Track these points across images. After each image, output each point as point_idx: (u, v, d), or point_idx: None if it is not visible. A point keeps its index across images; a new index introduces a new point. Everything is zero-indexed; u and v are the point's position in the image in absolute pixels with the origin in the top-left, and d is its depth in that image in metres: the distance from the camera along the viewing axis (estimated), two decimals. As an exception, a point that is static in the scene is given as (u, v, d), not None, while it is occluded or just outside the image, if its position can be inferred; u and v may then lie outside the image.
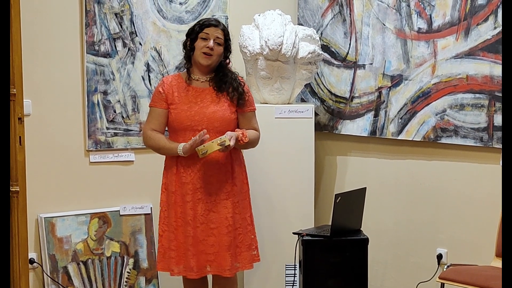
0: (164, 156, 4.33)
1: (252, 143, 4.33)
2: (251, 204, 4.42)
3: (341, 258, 4.54)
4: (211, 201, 4.21)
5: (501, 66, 4.39)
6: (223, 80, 4.27)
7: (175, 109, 4.22)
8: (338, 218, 4.51)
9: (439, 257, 4.84)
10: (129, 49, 5.03)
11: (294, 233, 4.68)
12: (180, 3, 5.20)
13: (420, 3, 4.82)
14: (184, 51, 4.35)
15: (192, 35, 4.29)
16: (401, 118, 4.98)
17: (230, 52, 4.34)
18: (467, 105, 4.61)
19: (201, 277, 4.31)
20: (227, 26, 5.32)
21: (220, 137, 4.07)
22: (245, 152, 4.90)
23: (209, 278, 4.42)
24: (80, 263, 4.87)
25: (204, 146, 4.02)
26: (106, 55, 4.95)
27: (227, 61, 4.38)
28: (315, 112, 5.41)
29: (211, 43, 4.20)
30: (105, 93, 4.96)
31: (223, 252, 4.21)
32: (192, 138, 4.10)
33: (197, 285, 4.38)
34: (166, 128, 4.33)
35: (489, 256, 4.40)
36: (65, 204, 4.87)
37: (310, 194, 5.15)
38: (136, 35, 5.05)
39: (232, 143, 4.08)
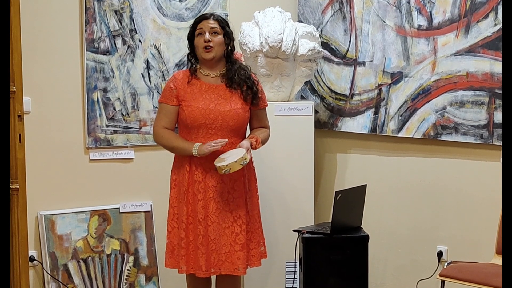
0: (174, 154, 4.31)
1: (264, 143, 4.35)
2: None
3: (341, 256, 4.53)
4: (224, 199, 4.19)
5: (501, 63, 4.39)
6: (239, 75, 4.23)
7: (188, 106, 4.18)
8: (339, 215, 4.51)
9: (440, 254, 4.84)
10: (128, 46, 5.02)
11: (294, 231, 4.68)
12: (180, 0, 5.19)
13: (420, 0, 4.82)
14: (190, 54, 4.32)
15: (190, 35, 4.28)
16: (401, 116, 4.97)
17: (232, 39, 4.28)
18: (467, 102, 4.61)
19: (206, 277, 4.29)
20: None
21: (240, 154, 4.03)
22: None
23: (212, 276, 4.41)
24: (80, 260, 4.87)
25: (227, 165, 3.99)
26: (106, 52, 4.94)
27: (237, 53, 4.35)
28: (315, 110, 5.40)
29: (206, 35, 4.18)
30: (104, 90, 4.95)
31: (237, 251, 4.18)
32: (212, 142, 4.07)
33: (201, 284, 4.35)
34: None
35: (490, 253, 4.40)
36: (65, 202, 4.87)
37: (310, 191, 5.14)
38: (136, 33, 5.04)
39: (249, 156, 4.10)
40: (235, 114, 4.19)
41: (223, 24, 4.25)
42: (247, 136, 4.32)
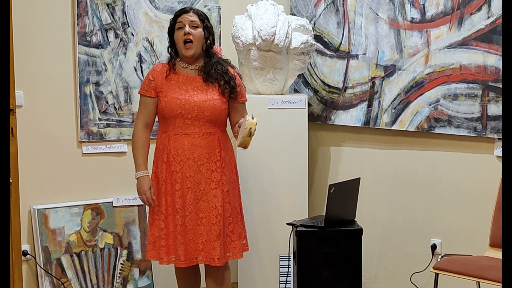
0: (155, 146, 4.33)
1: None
2: (241, 193, 4.44)
3: (335, 249, 4.53)
4: (200, 190, 4.22)
5: (494, 55, 4.38)
6: (216, 70, 4.26)
7: (165, 97, 4.23)
8: (332, 208, 4.51)
9: (433, 247, 4.84)
10: (121, 39, 5.00)
11: (288, 224, 4.68)
12: (173, -6, 5.18)
13: (414, -7, 4.82)
14: (170, 47, 4.35)
15: (170, 30, 4.32)
16: (394, 108, 4.97)
17: (211, 33, 4.32)
18: (460, 95, 4.61)
19: (193, 266, 4.32)
20: (220, 17, 5.33)
21: (243, 125, 4.04)
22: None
23: (201, 266, 4.41)
24: (74, 254, 4.86)
25: (240, 144, 4.04)
26: (98, 46, 4.93)
27: (216, 48, 4.36)
28: (308, 103, 5.40)
29: (186, 28, 4.22)
30: (97, 84, 4.94)
31: (212, 241, 4.21)
32: (148, 196, 4.24)
33: (189, 274, 4.41)
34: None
35: (483, 246, 4.40)
36: (58, 196, 4.86)
37: (303, 185, 5.14)
38: (128, 26, 5.02)
39: (255, 121, 4.05)
40: (211, 105, 4.21)
41: (203, 17, 4.30)
42: (229, 128, 4.39)
